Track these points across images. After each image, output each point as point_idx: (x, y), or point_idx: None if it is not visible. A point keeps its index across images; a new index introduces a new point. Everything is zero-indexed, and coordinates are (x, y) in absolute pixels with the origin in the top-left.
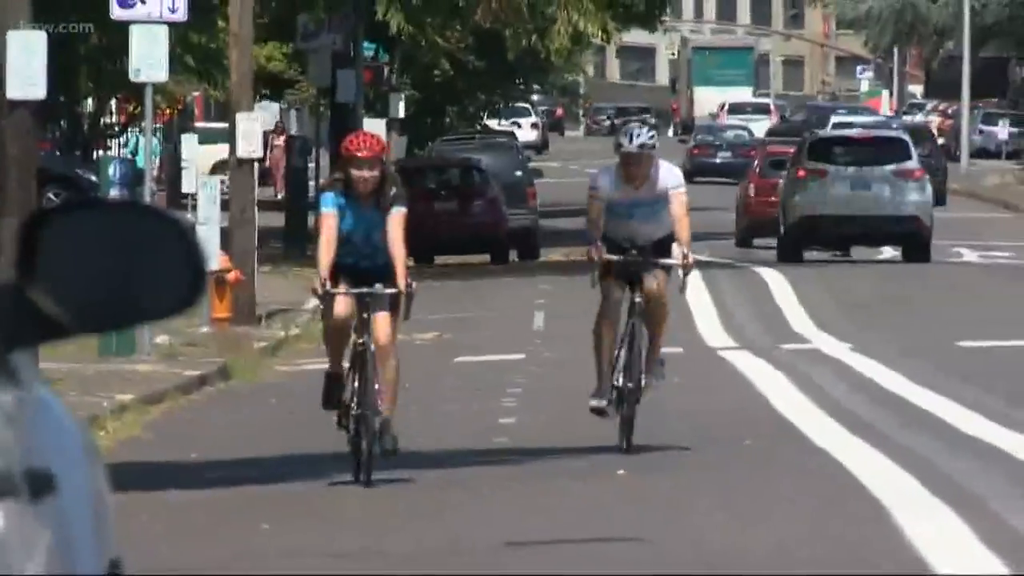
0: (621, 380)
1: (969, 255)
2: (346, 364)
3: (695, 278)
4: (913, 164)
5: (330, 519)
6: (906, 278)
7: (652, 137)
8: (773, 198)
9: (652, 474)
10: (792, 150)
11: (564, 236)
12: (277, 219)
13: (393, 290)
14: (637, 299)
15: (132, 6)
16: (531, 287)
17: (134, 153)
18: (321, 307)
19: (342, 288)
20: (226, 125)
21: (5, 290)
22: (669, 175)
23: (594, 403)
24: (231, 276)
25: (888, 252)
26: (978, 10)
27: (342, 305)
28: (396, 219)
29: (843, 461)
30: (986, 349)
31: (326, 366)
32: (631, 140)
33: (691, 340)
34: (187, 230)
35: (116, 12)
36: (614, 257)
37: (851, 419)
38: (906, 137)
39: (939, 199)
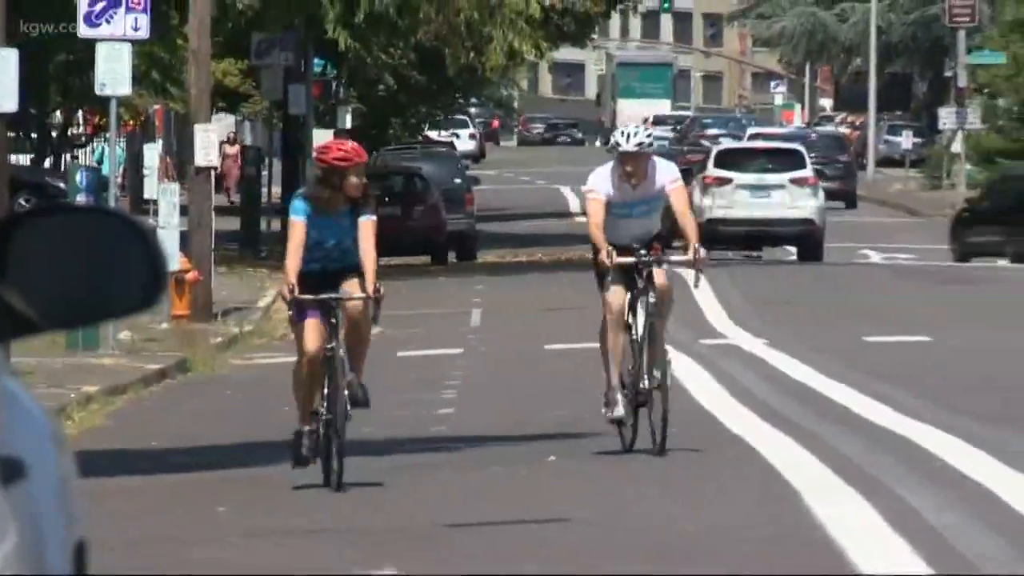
0: (647, 383)
1: (874, 256)
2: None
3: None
4: (808, 172)
5: (282, 502)
6: (814, 278)
7: (649, 136)
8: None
9: (582, 460)
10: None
11: (500, 239)
12: (231, 223)
13: (361, 295)
14: (651, 299)
15: (98, 25)
16: (468, 287)
17: (99, 162)
18: (289, 312)
19: (309, 296)
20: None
21: None
22: (666, 172)
23: (611, 415)
24: (189, 276)
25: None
26: (884, 29)
27: (312, 336)
28: (367, 226)
29: (759, 448)
30: (890, 344)
31: (277, 360)
32: (628, 140)
33: None
34: (149, 233)
35: (83, 30)
36: (628, 260)
37: (766, 410)
38: (802, 149)
39: (851, 203)
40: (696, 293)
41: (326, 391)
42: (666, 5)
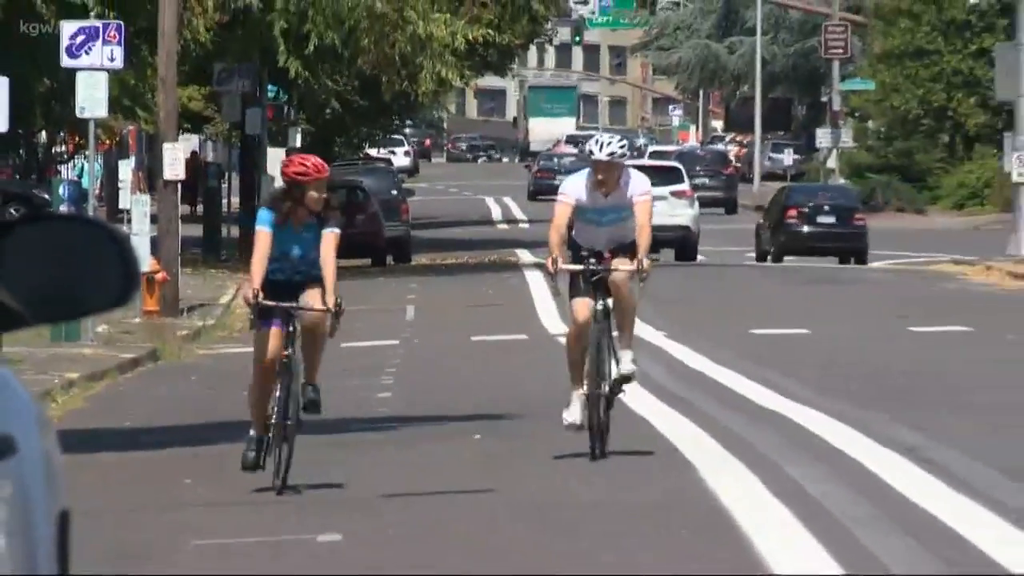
0: (588, 387)
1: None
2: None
3: (536, 277)
4: (685, 187)
5: (241, 475)
6: (698, 278)
7: (622, 146)
8: None
9: (504, 438)
10: None
11: (432, 244)
12: (194, 230)
13: (321, 308)
14: (599, 306)
15: (78, 56)
16: (404, 286)
17: (79, 176)
18: (251, 316)
19: (271, 303)
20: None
21: None
22: (637, 183)
23: (569, 419)
24: (159, 277)
25: (706, 258)
26: (768, 60)
27: (271, 344)
28: (329, 238)
29: (659, 427)
30: (772, 336)
31: (236, 350)
32: (601, 149)
33: (535, 328)
34: (123, 239)
35: (65, 61)
36: (577, 267)
37: (666, 393)
38: (680, 166)
39: (732, 209)
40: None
41: (278, 395)
42: (577, 39)
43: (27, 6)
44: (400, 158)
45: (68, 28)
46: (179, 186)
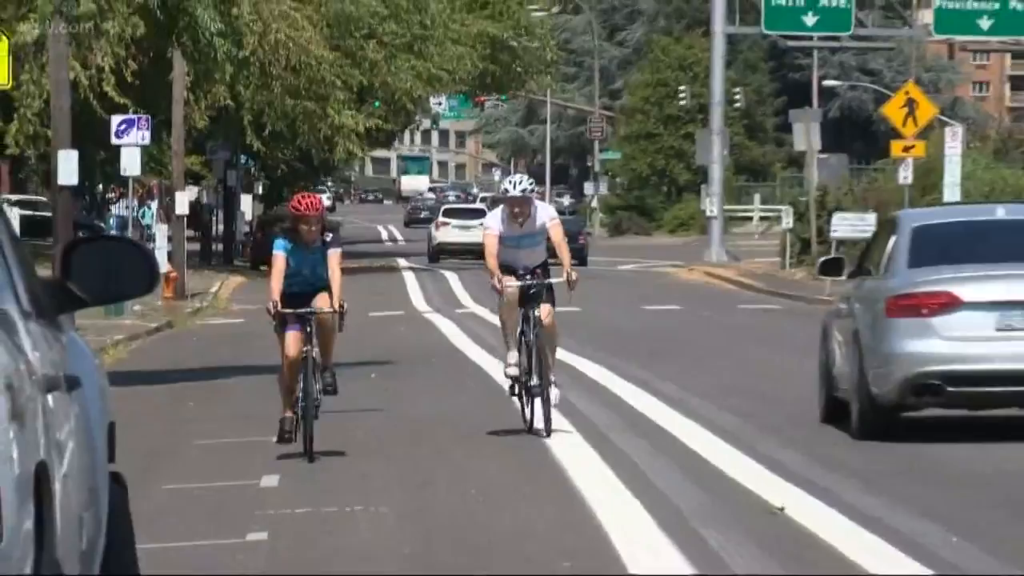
0: (527, 379)
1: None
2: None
3: (409, 275)
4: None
5: (228, 398)
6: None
7: (531, 183)
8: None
9: (391, 376)
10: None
11: (344, 254)
12: (194, 246)
13: (330, 309)
14: (538, 313)
15: (122, 137)
16: None
17: (143, 217)
18: (273, 323)
19: (290, 311)
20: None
21: (56, 282)
22: (545, 212)
23: (512, 371)
24: (172, 275)
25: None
26: (554, 139)
27: (293, 344)
28: (334, 256)
29: (489, 371)
30: (556, 313)
31: (222, 322)
32: (515, 187)
33: (409, 308)
34: (148, 252)
35: (114, 140)
36: (517, 284)
37: (486, 344)
38: (485, 207)
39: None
40: (451, 283)
41: (301, 384)
42: (435, 125)
43: (90, 109)
44: (325, 200)
45: (116, 119)
46: (185, 219)
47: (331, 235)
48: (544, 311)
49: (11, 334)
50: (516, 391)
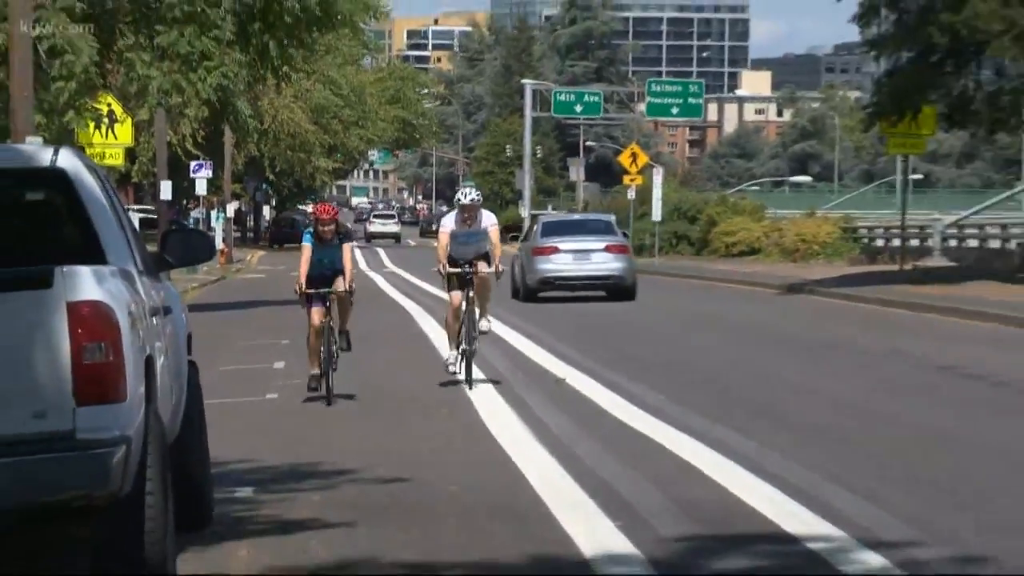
0: (465, 345)
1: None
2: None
3: (374, 274)
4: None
5: (253, 325)
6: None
7: (478, 194)
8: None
9: (362, 348)
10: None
11: None
12: (237, 234)
13: (343, 289)
14: (471, 294)
15: (196, 172)
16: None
17: (217, 219)
18: (300, 299)
19: (312, 291)
20: None
21: (157, 254)
22: (487, 218)
23: (452, 368)
24: (224, 250)
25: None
26: (438, 175)
27: (316, 316)
28: (347, 248)
29: (437, 344)
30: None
31: (252, 276)
32: (466, 197)
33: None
34: (209, 237)
35: (192, 174)
36: (457, 270)
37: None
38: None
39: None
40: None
41: (323, 348)
42: (376, 167)
43: (178, 156)
44: (308, 208)
45: (193, 164)
46: (232, 219)
47: (344, 233)
48: (481, 267)
49: (132, 283)
50: (454, 370)
